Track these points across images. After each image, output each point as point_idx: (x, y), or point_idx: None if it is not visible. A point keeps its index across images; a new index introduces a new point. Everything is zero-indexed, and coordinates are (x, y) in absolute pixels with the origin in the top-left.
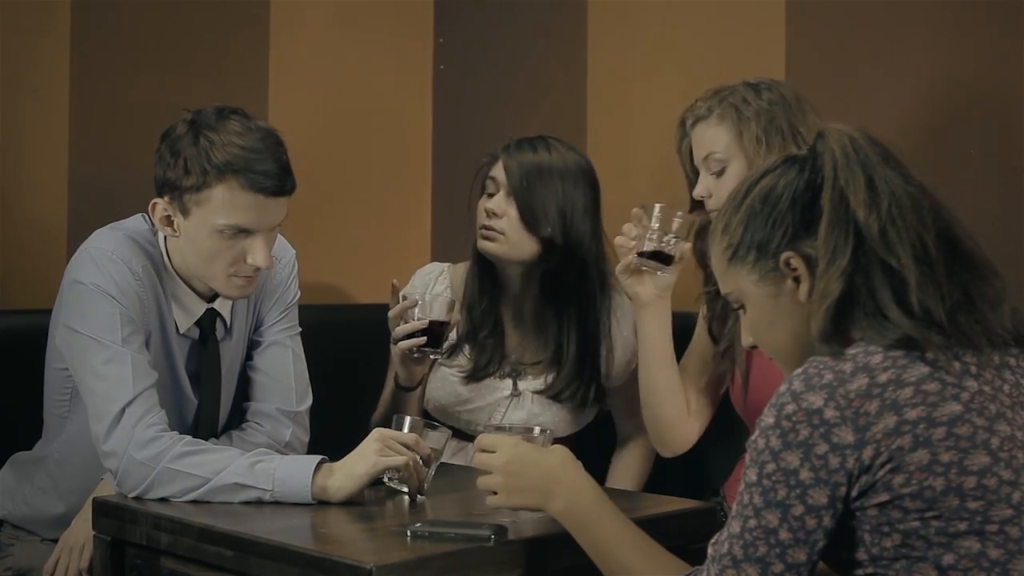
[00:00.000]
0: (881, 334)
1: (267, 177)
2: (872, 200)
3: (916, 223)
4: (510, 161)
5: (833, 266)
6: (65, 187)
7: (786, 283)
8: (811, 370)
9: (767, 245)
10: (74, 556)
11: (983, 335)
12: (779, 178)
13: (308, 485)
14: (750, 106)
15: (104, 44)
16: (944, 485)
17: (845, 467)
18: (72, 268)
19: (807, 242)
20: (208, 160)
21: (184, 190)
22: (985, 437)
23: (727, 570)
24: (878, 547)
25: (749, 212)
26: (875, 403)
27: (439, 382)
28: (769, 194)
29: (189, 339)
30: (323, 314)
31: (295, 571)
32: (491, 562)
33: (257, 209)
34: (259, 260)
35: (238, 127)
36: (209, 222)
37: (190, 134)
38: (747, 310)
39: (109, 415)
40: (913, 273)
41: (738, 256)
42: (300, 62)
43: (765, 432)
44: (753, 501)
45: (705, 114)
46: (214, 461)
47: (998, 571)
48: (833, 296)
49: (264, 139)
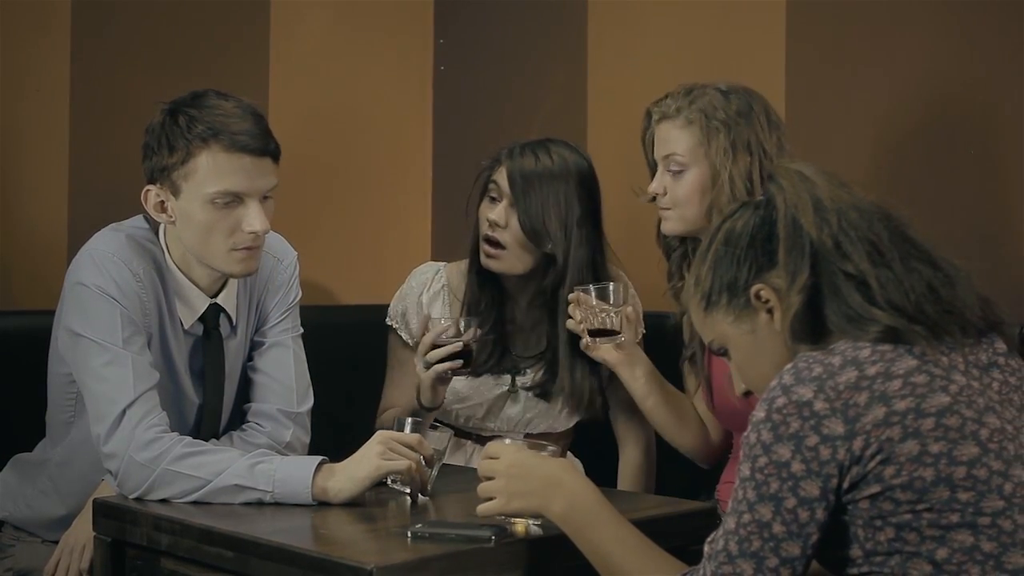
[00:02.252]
0: (863, 329)
1: (248, 136)
2: (821, 218)
3: (866, 229)
4: (513, 169)
5: (795, 283)
6: (65, 187)
7: (760, 316)
8: (800, 364)
9: (736, 284)
10: (74, 557)
11: (954, 323)
12: (736, 221)
13: (308, 486)
14: (718, 113)
15: (104, 44)
16: (934, 476)
17: (836, 458)
18: (73, 269)
19: (773, 273)
20: (189, 131)
21: (171, 168)
22: (974, 428)
23: (723, 566)
24: (872, 542)
25: (715, 258)
26: (864, 395)
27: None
28: (729, 236)
29: (193, 336)
30: (323, 315)
31: (295, 572)
32: (492, 563)
33: (244, 171)
34: (255, 224)
35: (214, 100)
36: (200, 193)
37: (169, 117)
38: (731, 354)
39: (110, 417)
40: (872, 275)
41: (712, 302)
42: (300, 62)
43: (756, 426)
44: (747, 496)
45: (673, 114)
46: (214, 463)
47: (992, 564)
48: (795, 307)
49: (240, 106)
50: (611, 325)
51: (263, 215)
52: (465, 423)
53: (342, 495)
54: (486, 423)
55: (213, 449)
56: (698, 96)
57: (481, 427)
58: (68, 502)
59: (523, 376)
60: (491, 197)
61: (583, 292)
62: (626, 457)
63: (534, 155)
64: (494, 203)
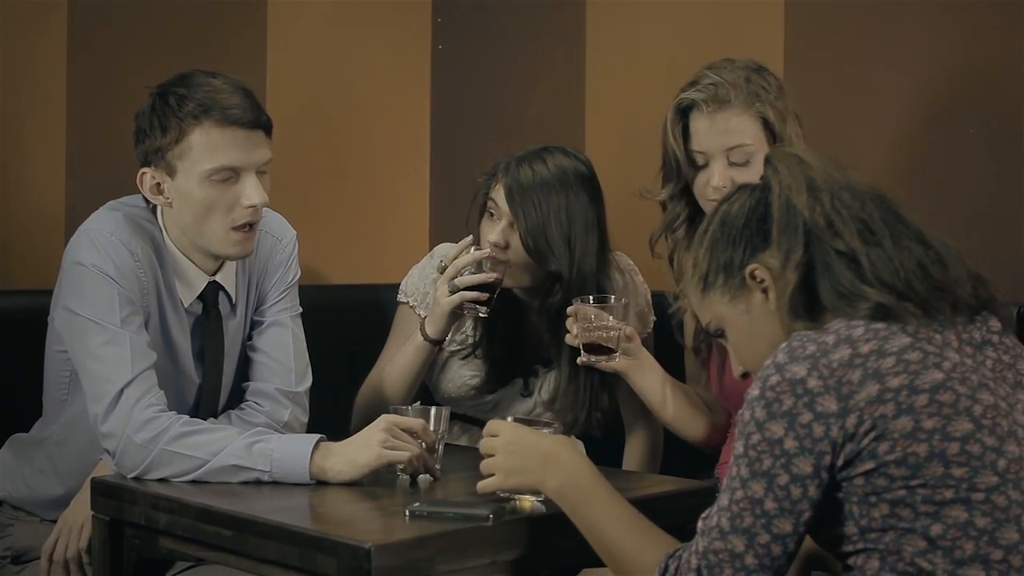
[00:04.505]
0: (854, 306)
1: (239, 109)
2: (814, 197)
3: (858, 209)
4: (511, 184)
5: (789, 261)
6: (62, 168)
7: (755, 296)
8: (795, 343)
9: (731, 264)
10: (73, 536)
11: (944, 301)
12: (733, 204)
13: (306, 466)
14: (767, 93)
15: (101, 26)
16: (928, 451)
17: (829, 435)
18: (71, 249)
19: (767, 252)
20: (180, 110)
21: (165, 149)
22: (968, 404)
23: (715, 542)
24: (867, 518)
25: (711, 240)
26: (858, 372)
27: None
28: (726, 218)
29: (193, 315)
30: (321, 295)
31: (294, 550)
32: (490, 541)
33: (237, 145)
34: (254, 197)
35: (202, 78)
36: (196, 171)
37: (158, 99)
38: (728, 335)
39: (107, 396)
40: (862, 252)
41: (708, 283)
42: (298, 43)
43: (751, 404)
44: (740, 472)
45: (729, 99)
46: (212, 442)
47: (986, 540)
48: (792, 283)
49: (228, 82)
50: (607, 343)
51: (260, 188)
52: (475, 412)
53: (341, 477)
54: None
55: (210, 428)
56: (735, 79)
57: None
58: (66, 481)
59: (536, 379)
60: (490, 213)
61: (583, 303)
62: (633, 442)
63: (531, 167)
64: (493, 220)
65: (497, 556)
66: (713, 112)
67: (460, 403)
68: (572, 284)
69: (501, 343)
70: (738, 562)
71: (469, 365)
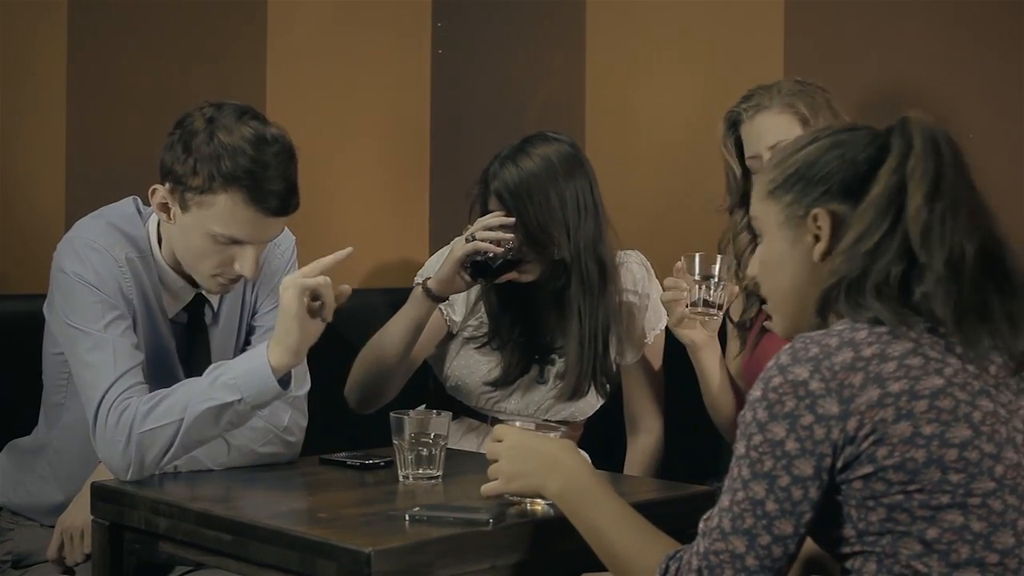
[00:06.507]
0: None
1: (273, 197)
2: (932, 197)
3: (963, 231)
4: (500, 189)
5: (860, 243)
6: (62, 171)
7: (807, 237)
8: (797, 344)
9: (804, 196)
10: (76, 542)
11: (991, 345)
12: (845, 142)
13: (269, 375)
14: (805, 92)
15: (101, 29)
16: (926, 457)
17: (830, 438)
18: (56, 257)
19: (841, 206)
20: (217, 167)
21: (188, 188)
22: (967, 411)
23: (715, 543)
24: (864, 522)
25: (804, 159)
26: (859, 376)
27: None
28: (829, 150)
29: (179, 324)
30: None
31: (294, 555)
32: (489, 546)
33: (255, 224)
34: (246, 270)
35: (252, 135)
36: (205, 226)
37: (205, 132)
38: (762, 245)
39: (93, 403)
40: (936, 274)
41: (776, 194)
42: (298, 44)
43: (752, 405)
44: (741, 473)
45: (768, 104)
46: (176, 401)
47: (981, 543)
48: (844, 274)
49: (278, 154)
50: (717, 299)
51: (256, 261)
52: (486, 403)
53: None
54: (507, 404)
55: (170, 391)
56: (779, 87)
57: (501, 409)
58: (67, 488)
59: (552, 367)
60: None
61: (689, 259)
62: (636, 446)
63: (515, 165)
64: None
65: (497, 561)
66: (752, 116)
67: (474, 392)
68: (574, 263)
69: (517, 333)
70: (739, 563)
71: (484, 354)
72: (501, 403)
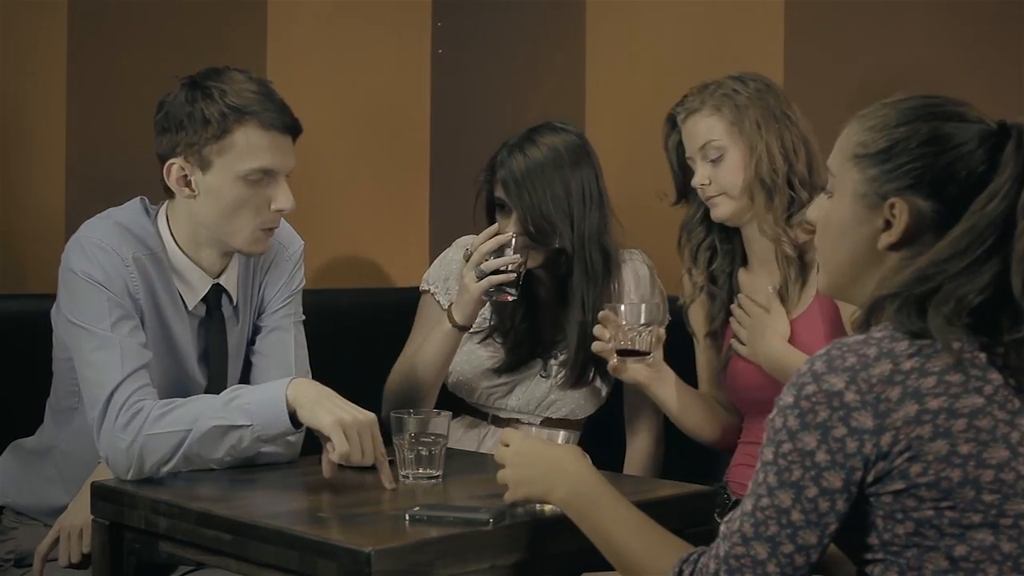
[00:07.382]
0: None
1: (281, 114)
2: None
3: None
4: (506, 177)
5: (947, 264)
6: (63, 171)
7: (878, 221)
8: (834, 352)
9: (889, 180)
10: (74, 541)
11: None
12: (949, 136)
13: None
14: (741, 94)
15: (101, 26)
16: (961, 477)
17: (862, 452)
18: (64, 257)
19: (925, 203)
20: (226, 105)
21: (202, 143)
22: (1006, 431)
23: (736, 547)
24: (890, 533)
25: (900, 138)
26: (897, 390)
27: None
28: (929, 142)
29: (197, 317)
30: (321, 298)
31: (293, 555)
32: (490, 546)
33: (275, 149)
34: (284, 203)
35: (240, 76)
36: (233, 170)
37: (196, 91)
38: (834, 199)
39: (99, 402)
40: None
41: (859, 162)
42: (298, 44)
43: (783, 411)
44: (767, 480)
45: (698, 106)
46: (189, 411)
47: (1010, 565)
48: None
49: (265, 84)
50: (641, 346)
51: (290, 193)
52: (487, 400)
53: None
54: (508, 401)
55: (186, 401)
56: (716, 86)
57: (502, 405)
58: (72, 490)
59: (554, 360)
60: (500, 206)
61: (612, 310)
62: (635, 447)
63: (523, 154)
64: (505, 212)
65: (497, 560)
66: (684, 120)
67: (475, 385)
68: (577, 253)
69: (519, 324)
70: (760, 569)
71: (486, 346)
72: (502, 399)
